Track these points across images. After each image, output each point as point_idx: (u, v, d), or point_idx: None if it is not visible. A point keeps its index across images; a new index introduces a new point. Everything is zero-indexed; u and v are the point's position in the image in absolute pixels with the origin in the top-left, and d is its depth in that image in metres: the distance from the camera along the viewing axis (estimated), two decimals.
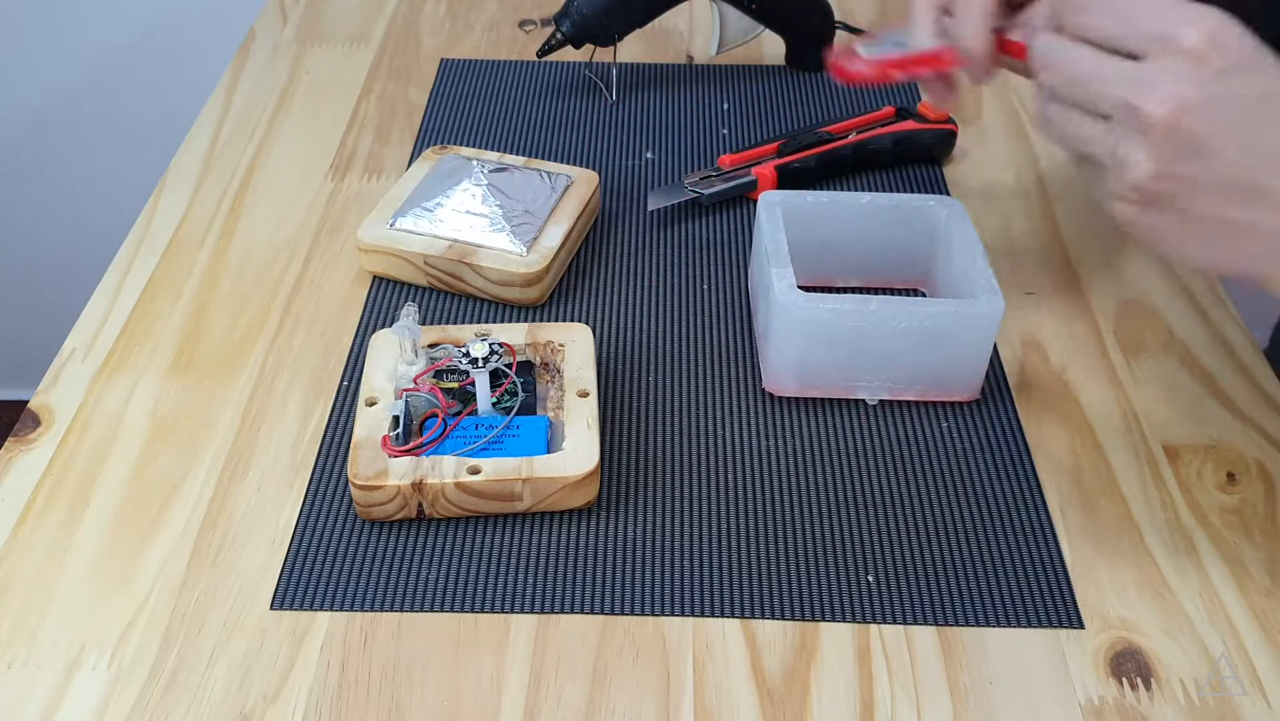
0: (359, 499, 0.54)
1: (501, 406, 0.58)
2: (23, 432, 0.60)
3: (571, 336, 0.61)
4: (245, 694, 0.48)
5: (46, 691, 0.48)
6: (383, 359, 0.60)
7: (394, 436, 0.55)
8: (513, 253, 0.67)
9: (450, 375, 0.59)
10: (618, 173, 0.80)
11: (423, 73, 0.90)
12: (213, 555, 0.54)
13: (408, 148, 0.82)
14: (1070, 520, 0.56)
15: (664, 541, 0.55)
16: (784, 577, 0.53)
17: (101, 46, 1.36)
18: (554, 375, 0.61)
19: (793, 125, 0.85)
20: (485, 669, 0.50)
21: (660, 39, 0.96)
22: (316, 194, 0.77)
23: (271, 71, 0.90)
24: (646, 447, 0.59)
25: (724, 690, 0.49)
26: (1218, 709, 0.49)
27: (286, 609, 0.52)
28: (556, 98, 0.87)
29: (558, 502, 0.55)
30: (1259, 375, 0.64)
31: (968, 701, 0.49)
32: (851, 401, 0.62)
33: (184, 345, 0.65)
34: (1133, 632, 0.51)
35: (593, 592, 0.53)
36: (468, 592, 0.52)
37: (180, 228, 0.74)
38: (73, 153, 1.45)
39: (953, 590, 0.53)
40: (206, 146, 0.82)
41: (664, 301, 0.69)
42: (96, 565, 0.53)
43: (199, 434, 0.60)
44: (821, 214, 0.66)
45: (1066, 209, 0.77)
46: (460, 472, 0.54)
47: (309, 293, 0.69)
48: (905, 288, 0.69)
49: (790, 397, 0.62)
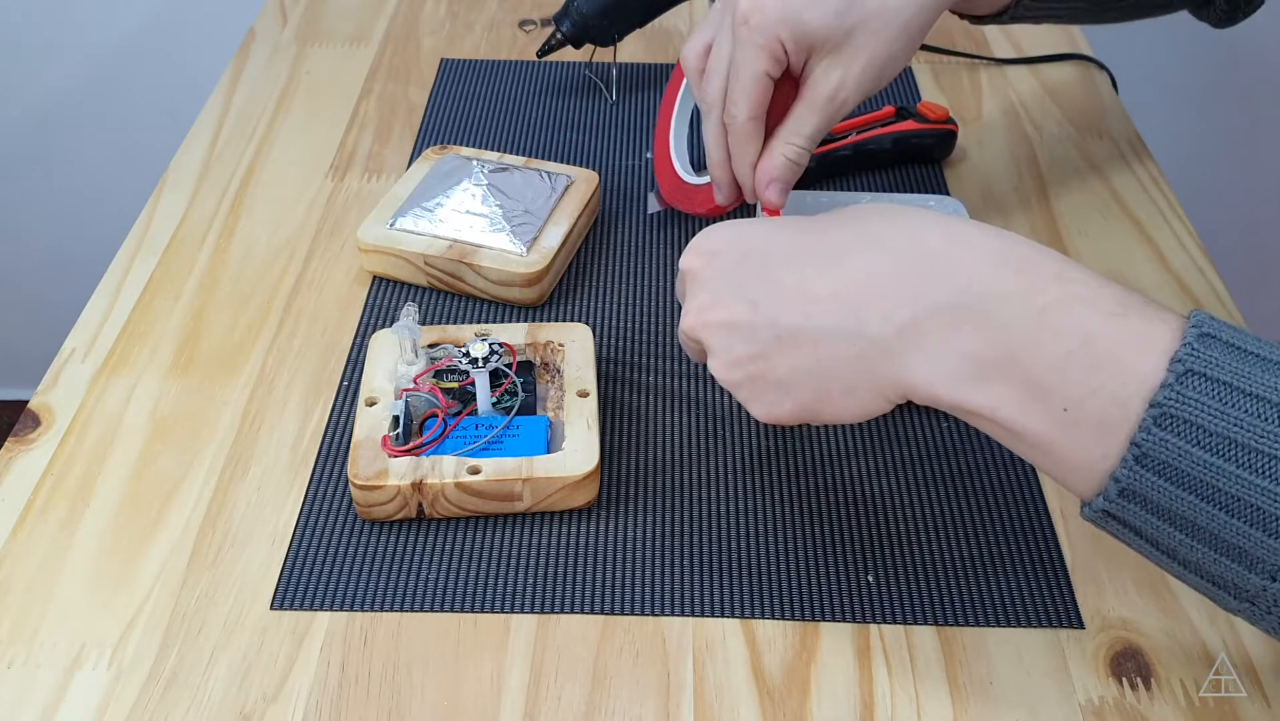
0: (359, 499, 0.54)
1: (501, 406, 0.58)
2: (23, 433, 0.60)
3: (571, 336, 0.61)
4: (245, 693, 0.48)
5: (46, 691, 0.48)
6: (383, 359, 0.60)
7: (394, 436, 0.55)
8: (513, 253, 0.67)
9: (450, 375, 0.59)
10: (618, 173, 0.80)
11: (423, 73, 0.90)
12: (213, 555, 0.54)
13: (408, 148, 0.82)
14: (1070, 520, 0.56)
15: (664, 541, 0.55)
16: (784, 577, 0.53)
17: (101, 46, 1.36)
18: (554, 375, 0.61)
19: None
20: (485, 669, 0.49)
21: (660, 39, 0.96)
22: (316, 194, 0.77)
23: (271, 71, 0.90)
24: (646, 447, 0.59)
25: (724, 690, 0.49)
26: (1218, 709, 0.49)
27: (286, 609, 0.52)
28: (556, 98, 0.87)
29: (558, 502, 0.55)
30: None
31: (968, 701, 0.48)
32: None
33: (184, 345, 0.65)
34: (1133, 632, 0.51)
35: (593, 592, 0.53)
36: (468, 592, 0.52)
37: (180, 228, 0.74)
38: (73, 153, 1.45)
39: (953, 590, 0.53)
40: (206, 146, 0.82)
41: (664, 301, 0.69)
42: (96, 565, 0.53)
43: (199, 434, 0.60)
44: (820, 213, 0.66)
45: (1066, 209, 0.77)
46: (460, 473, 0.54)
47: (309, 293, 0.69)
48: None
49: None
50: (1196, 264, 0.72)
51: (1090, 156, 0.82)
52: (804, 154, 0.60)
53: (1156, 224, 0.76)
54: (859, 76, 0.57)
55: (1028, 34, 0.96)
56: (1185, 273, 0.72)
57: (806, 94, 0.58)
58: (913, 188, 0.78)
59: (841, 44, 0.57)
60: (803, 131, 0.59)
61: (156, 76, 1.38)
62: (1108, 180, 0.80)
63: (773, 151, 0.60)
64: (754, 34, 0.56)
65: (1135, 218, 0.76)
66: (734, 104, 0.59)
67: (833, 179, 0.79)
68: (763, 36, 0.56)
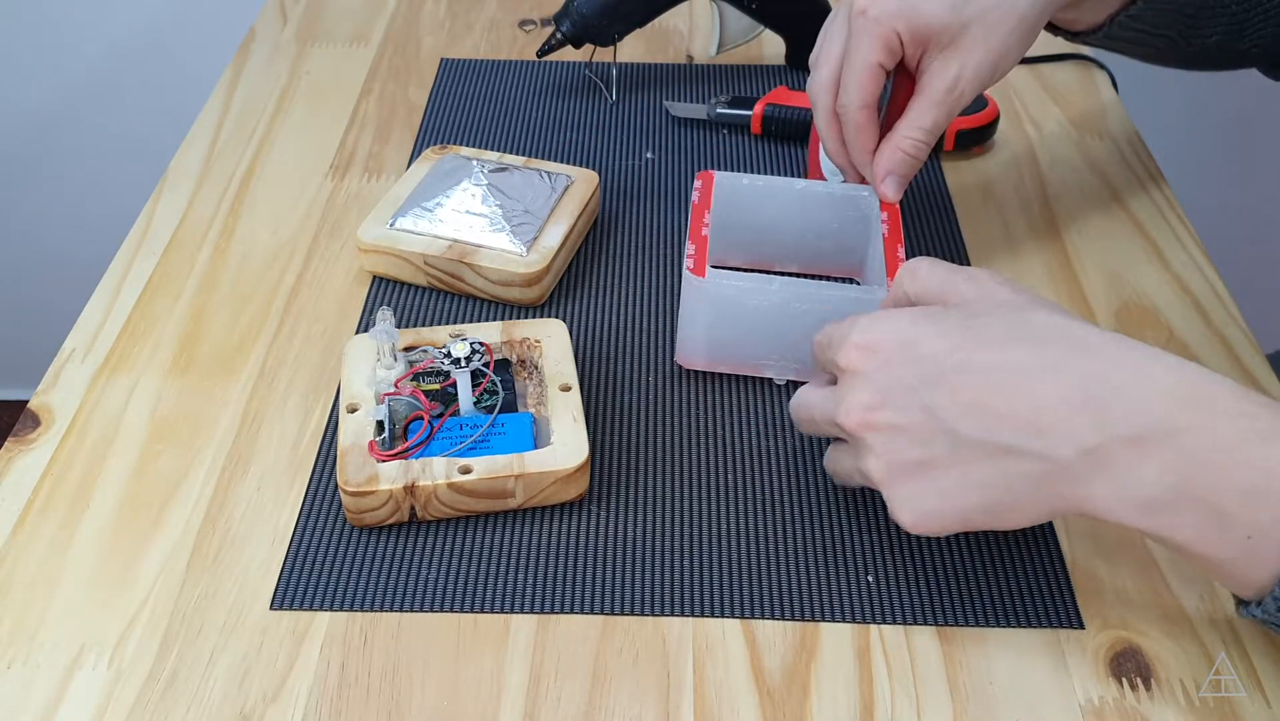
0: (350, 505, 0.54)
1: (483, 406, 0.58)
2: (22, 432, 0.60)
3: (547, 332, 0.62)
4: (245, 694, 0.48)
5: (46, 691, 0.48)
6: (360, 364, 0.59)
7: (380, 441, 0.55)
8: (513, 253, 0.67)
9: (429, 377, 0.59)
10: (618, 173, 0.79)
11: (423, 73, 0.90)
12: (212, 555, 0.54)
13: (408, 148, 0.82)
14: (1070, 520, 0.56)
15: (663, 541, 0.55)
16: (784, 577, 0.53)
17: (101, 46, 1.36)
18: (531, 371, 0.61)
19: None
20: (485, 669, 0.50)
21: (660, 39, 0.96)
22: (316, 194, 0.77)
23: (271, 71, 0.90)
24: (647, 447, 0.59)
25: (724, 690, 0.49)
26: (1218, 709, 0.49)
27: (286, 609, 0.52)
28: (556, 98, 0.87)
29: (550, 497, 0.55)
30: (1259, 374, 0.64)
31: (968, 701, 0.48)
32: None
33: (184, 345, 0.65)
34: (1133, 632, 0.51)
35: (592, 592, 0.53)
36: (467, 592, 0.52)
37: (180, 228, 0.74)
38: (73, 153, 1.45)
39: (953, 590, 0.53)
40: (206, 146, 0.82)
41: (664, 301, 0.69)
42: (96, 565, 0.53)
43: (199, 434, 0.60)
44: (758, 197, 0.66)
45: (1067, 209, 0.77)
46: (452, 473, 0.54)
47: (309, 292, 0.69)
48: (842, 276, 0.69)
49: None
50: (1196, 264, 0.72)
51: (1090, 156, 0.82)
52: (923, 148, 0.60)
53: (1156, 223, 0.76)
54: (976, 70, 0.58)
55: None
56: (1185, 272, 0.72)
57: (924, 88, 0.59)
58: (912, 189, 0.78)
59: (958, 37, 0.58)
60: (923, 125, 0.60)
61: (156, 76, 1.38)
62: (1108, 180, 0.80)
63: (891, 144, 0.60)
64: (870, 24, 0.58)
65: (1135, 217, 0.76)
66: (846, 92, 0.60)
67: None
68: (879, 27, 0.57)
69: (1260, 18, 0.67)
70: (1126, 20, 0.65)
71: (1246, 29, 0.68)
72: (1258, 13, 0.67)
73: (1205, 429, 0.42)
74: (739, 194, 0.66)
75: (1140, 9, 0.64)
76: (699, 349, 0.62)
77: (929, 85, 0.59)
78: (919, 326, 0.48)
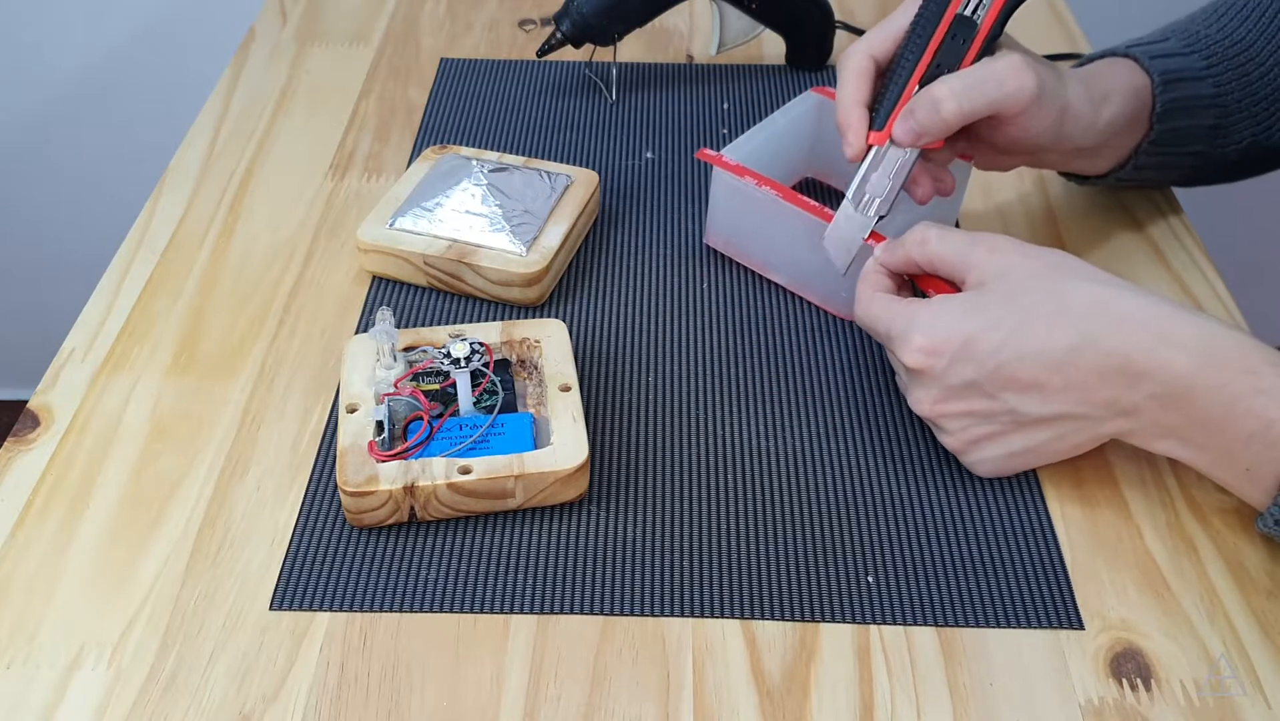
0: (350, 506, 0.54)
1: (482, 406, 0.58)
2: (22, 432, 0.60)
3: (546, 332, 0.62)
4: (245, 694, 0.48)
5: (46, 691, 0.48)
6: (360, 364, 0.59)
7: (380, 441, 0.55)
8: (512, 253, 0.67)
9: (428, 377, 0.59)
10: (618, 173, 0.79)
11: (422, 72, 0.90)
12: (212, 555, 0.54)
13: (407, 147, 0.82)
14: (1070, 520, 0.56)
15: (663, 542, 0.55)
16: (784, 578, 0.53)
17: (102, 46, 1.36)
18: (531, 371, 0.61)
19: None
20: (485, 669, 0.49)
21: (660, 39, 0.96)
22: (316, 194, 0.77)
23: (271, 71, 0.90)
24: (647, 447, 0.59)
25: (724, 690, 0.49)
26: (1218, 709, 0.49)
27: (286, 609, 0.52)
28: (556, 98, 0.87)
29: (550, 497, 0.55)
30: None
31: (968, 701, 0.48)
32: (853, 401, 0.62)
33: (184, 345, 0.65)
34: (1133, 633, 0.51)
35: (592, 593, 0.53)
36: (467, 593, 0.52)
37: (180, 228, 0.74)
38: (73, 153, 1.45)
39: (953, 590, 0.53)
40: (206, 146, 0.82)
41: (664, 301, 0.69)
42: (96, 565, 0.53)
43: (199, 434, 0.60)
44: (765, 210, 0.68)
45: (1067, 209, 0.77)
46: (451, 473, 0.53)
47: (308, 293, 0.69)
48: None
49: (792, 398, 0.62)
50: (1196, 263, 0.72)
51: None
52: (956, 104, 0.59)
53: (1156, 223, 0.76)
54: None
55: (1027, 34, 0.96)
56: (1185, 272, 0.72)
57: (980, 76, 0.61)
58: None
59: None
60: (965, 79, 0.60)
61: (156, 76, 1.38)
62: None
63: (929, 89, 0.59)
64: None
65: (1135, 217, 0.76)
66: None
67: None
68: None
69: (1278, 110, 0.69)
70: (1150, 148, 0.68)
71: (1274, 127, 0.70)
72: (1277, 106, 0.69)
73: (1220, 386, 0.50)
74: (746, 198, 0.66)
75: (1159, 132, 0.67)
76: (719, 231, 0.71)
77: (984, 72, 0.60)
78: (972, 320, 0.54)
